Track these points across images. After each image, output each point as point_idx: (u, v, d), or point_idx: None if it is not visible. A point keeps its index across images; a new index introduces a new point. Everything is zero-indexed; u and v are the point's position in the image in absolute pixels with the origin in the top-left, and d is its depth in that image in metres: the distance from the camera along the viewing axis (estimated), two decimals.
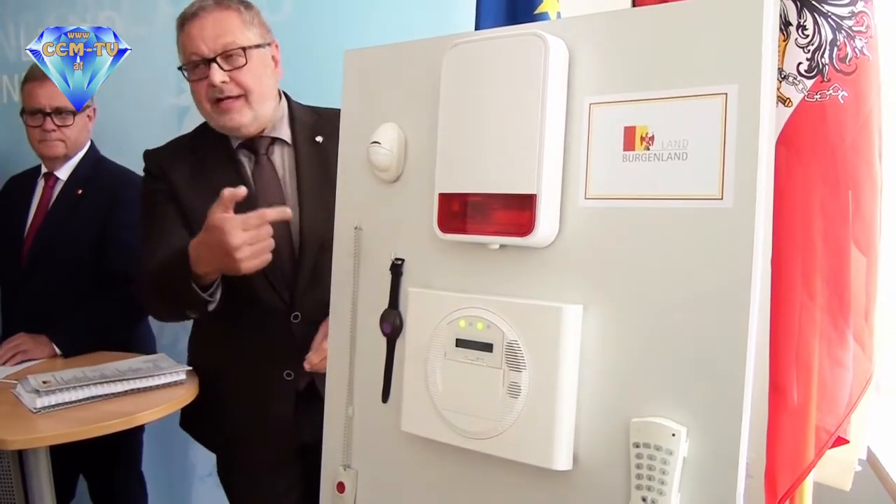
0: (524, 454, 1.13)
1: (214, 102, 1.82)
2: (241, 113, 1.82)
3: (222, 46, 1.79)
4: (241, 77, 1.81)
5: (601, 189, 1.10)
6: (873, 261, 1.23)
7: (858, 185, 1.21)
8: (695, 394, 1.02)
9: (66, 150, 2.45)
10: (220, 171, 1.87)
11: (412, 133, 1.31)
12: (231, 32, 1.80)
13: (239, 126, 1.84)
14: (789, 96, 1.21)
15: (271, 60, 1.90)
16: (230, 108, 1.82)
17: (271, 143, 1.92)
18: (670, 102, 1.04)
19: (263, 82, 1.85)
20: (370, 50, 1.40)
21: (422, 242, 1.29)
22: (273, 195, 1.87)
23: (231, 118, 1.82)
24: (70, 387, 1.74)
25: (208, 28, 1.80)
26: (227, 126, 1.85)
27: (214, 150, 1.91)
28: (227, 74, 1.79)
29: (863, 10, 1.19)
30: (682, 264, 1.04)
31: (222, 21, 1.81)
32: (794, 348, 1.20)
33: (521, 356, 1.12)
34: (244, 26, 1.83)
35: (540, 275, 1.16)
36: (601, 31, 1.12)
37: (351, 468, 1.40)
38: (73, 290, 2.38)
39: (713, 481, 1.01)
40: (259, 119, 1.86)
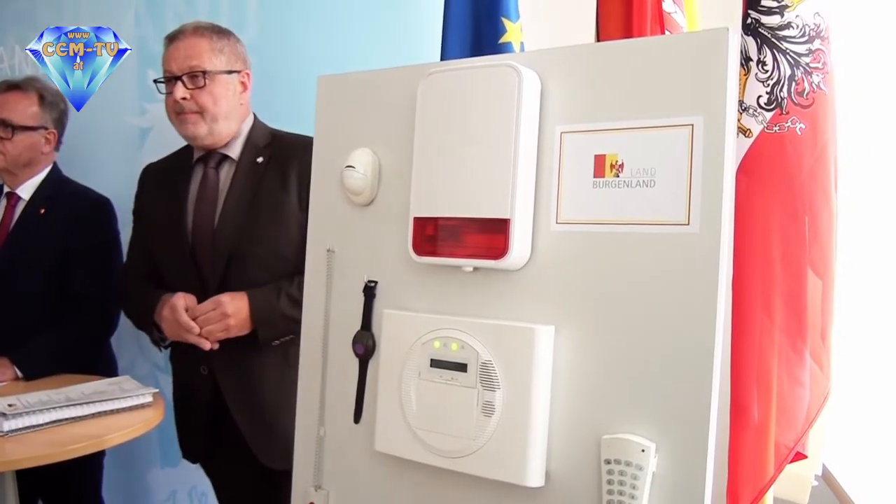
0: (498, 472, 1.15)
1: (176, 114, 2.06)
2: (197, 126, 2.05)
3: (188, 67, 2.03)
4: (200, 96, 2.04)
5: (572, 214, 1.14)
6: (829, 284, 1.28)
7: (815, 212, 1.26)
8: (663, 411, 1.06)
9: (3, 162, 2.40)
10: (174, 179, 2.14)
11: (386, 158, 1.34)
12: (198, 56, 2.04)
13: (194, 136, 2.07)
14: (750, 127, 1.26)
15: (238, 85, 2.11)
16: (186, 120, 2.05)
17: (222, 158, 2.13)
18: (639, 132, 1.09)
19: (220, 103, 2.06)
20: (344, 76, 1.43)
21: (395, 265, 1.32)
22: (207, 205, 2.09)
23: (187, 128, 2.06)
24: (36, 410, 1.72)
25: (181, 50, 2.05)
26: (184, 135, 2.09)
27: (181, 163, 2.17)
28: (188, 92, 2.03)
29: (819, 47, 1.25)
30: (650, 287, 1.08)
31: (193, 45, 2.05)
32: (754, 367, 1.25)
33: (495, 376, 1.15)
34: (212, 53, 2.06)
35: (513, 297, 1.19)
36: (572, 64, 1.16)
37: (322, 489, 1.40)
38: (34, 312, 2.34)
39: (681, 495, 1.04)
40: (214, 134, 2.07)
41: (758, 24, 1.26)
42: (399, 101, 1.31)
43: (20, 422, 1.70)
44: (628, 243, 1.10)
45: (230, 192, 2.08)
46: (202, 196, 2.10)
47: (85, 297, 2.35)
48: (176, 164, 2.19)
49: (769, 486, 1.27)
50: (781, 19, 1.25)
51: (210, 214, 2.07)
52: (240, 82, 2.11)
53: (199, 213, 2.09)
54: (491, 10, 2.13)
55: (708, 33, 1.07)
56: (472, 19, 2.17)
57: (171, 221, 2.09)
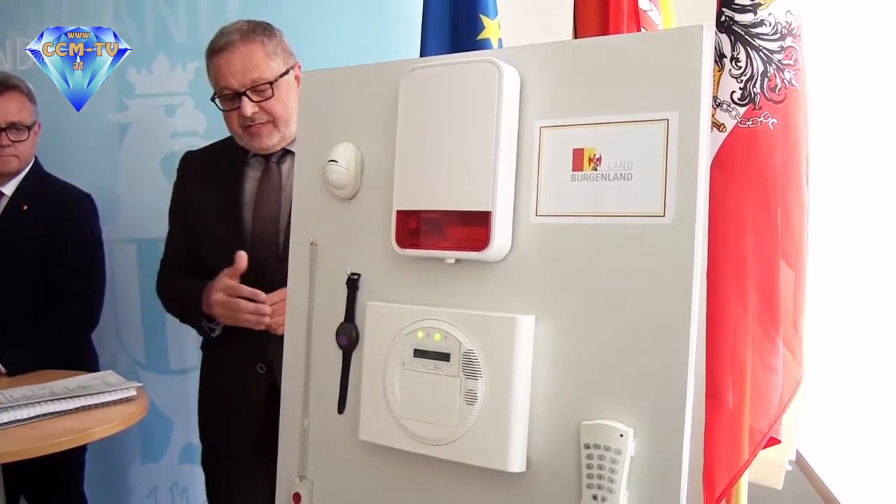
0: (480, 458, 1.18)
1: (245, 128, 1.96)
2: (270, 136, 1.97)
3: (251, 81, 1.92)
4: (270, 106, 1.94)
5: (551, 207, 1.17)
6: (801, 274, 1.32)
7: (787, 204, 1.29)
8: (641, 397, 1.09)
9: (18, 165, 2.43)
10: (228, 181, 2.04)
11: (368, 152, 1.36)
12: (258, 67, 1.93)
13: (268, 147, 1.99)
14: (723, 122, 1.29)
15: (294, 82, 2.02)
16: (260, 133, 1.96)
17: (284, 153, 2.04)
18: (616, 127, 1.12)
19: (289, 107, 1.97)
20: (327, 72, 1.44)
21: (378, 257, 1.34)
22: (270, 199, 2.01)
23: (261, 141, 1.97)
24: (21, 404, 1.73)
25: (236, 63, 1.92)
26: (257, 147, 1.99)
27: (231, 160, 2.06)
28: (256, 105, 1.93)
29: (791, 45, 1.28)
30: (627, 277, 1.11)
31: (248, 56, 1.93)
32: (728, 355, 1.28)
33: (477, 365, 1.18)
34: (268, 58, 1.95)
35: (494, 287, 1.22)
36: (551, 60, 1.19)
37: (307, 479, 1.42)
38: (18, 307, 2.35)
39: (659, 478, 1.08)
40: (287, 138, 2.00)
41: (731, 22, 1.29)
42: (381, 96, 1.33)
43: (5, 416, 1.71)
44: (606, 235, 1.13)
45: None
46: (264, 191, 2.02)
47: (67, 292, 2.36)
48: (227, 155, 2.08)
49: (744, 470, 1.30)
50: (754, 17, 1.28)
51: (274, 210, 2.00)
52: (295, 77, 2.02)
53: (262, 209, 2.01)
54: (469, 6, 2.15)
55: (683, 31, 1.10)
56: (450, 16, 2.19)
57: (228, 216, 2.00)
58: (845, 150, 1.86)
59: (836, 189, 1.87)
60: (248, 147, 2.02)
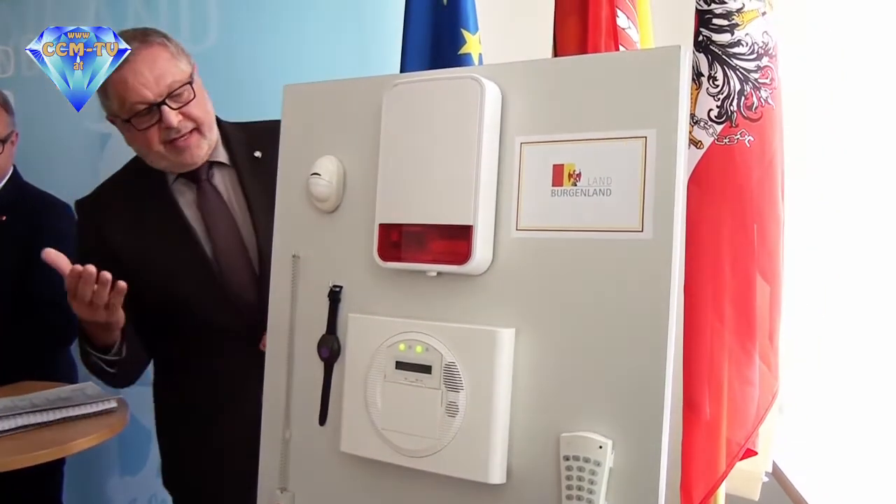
0: (461, 470, 1.19)
1: (169, 144, 1.75)
2: (199, 147, 1.78)
3: (167, 87, 1.72)
4: (192, 111, 1.75)
5: (532, 221, 1.19)
6: (777, 288, 1.34)
7: (763, 220, 1.32)
8: (619, 409, 1.11)
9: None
10: (159, 210, 1.81)
11: (351, 165, 1.37)
12: (169, 71, 1.73)
13: (198, 160, 1.80)
14: (701, 139, 1.31)
15: (202, 84, 1.83)
16: (188, 145, 1.76)
17: (210, 167, 1.86)
18: (596, 143, 1.14)
19: (208, 109, 1.81)
20: (310, 85, 1.45)
21: (360, 270, 1.35)
22: (222, 220, 1.83)
23: (191, 154, 1.78)
24: (2, 416, 1.73)
25: (144, 72, 1.71)
26: (186, 163, 1.79)
27: (151, 190, 1.83)
28: (178, 113, 1.73)
29: (767, 64, 1.31)
30: (605, 291, 1.13)
31: (155, 61, 1.73)
32: (706, 367, 1.30)
33: (458, 377, 1.19)
34: (175, 59, 1.76)
35: (475, 300, 1.23)
36: (532, 77, 1.21)
37: (287, 491, 1.42)
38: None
39: (637, 489, 1.09)
40: (211, 146, 1.82)
41: (709, 42, 1.32)
42: (364, 110, 1.35)
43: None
44: (585, 249, 1.14)
45: (249, 198, 1.82)
46: (211, 215, 1.83)
47: (49, 302, 2.35)
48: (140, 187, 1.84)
49: (721, 481, 1.32)
50: (732, 37, 1.31)
51: (233, 232, 1.82)
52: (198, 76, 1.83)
53: (218, 234, 1.82)
54: (451, 21, 2.17)
55: (661, 50, 1.12)
56: (432, 30, 2.20)
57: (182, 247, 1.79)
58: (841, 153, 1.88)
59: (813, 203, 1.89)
60: (172, 166, 1.80)
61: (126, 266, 1.71)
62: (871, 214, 1.80)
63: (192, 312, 1.78)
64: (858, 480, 1.69)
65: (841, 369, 1.86)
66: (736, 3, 1.30)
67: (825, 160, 1.87)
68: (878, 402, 1.78)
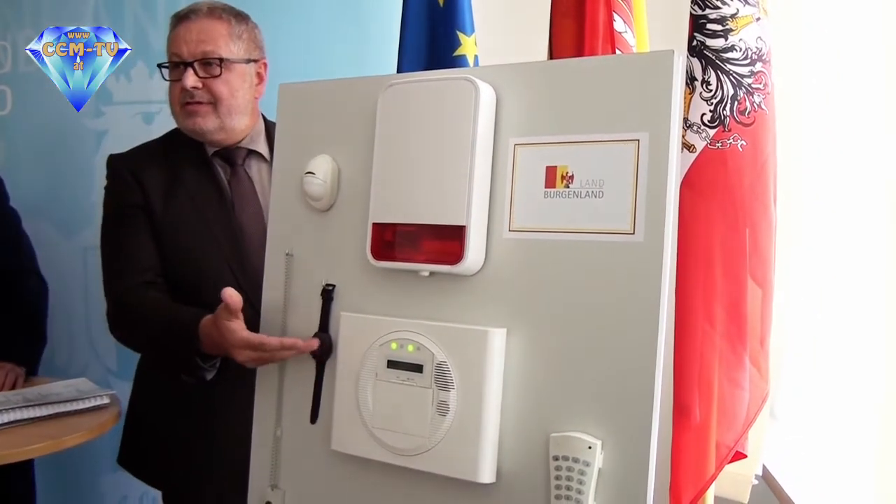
0: (451, 469, 1.20)
1: (183, 105, 1.82)
2: (206, 119, 1.82)
3: (202, 53, 1.80)
4: (214, 85, 1.81)
5: (524, 222, 1.20)
6: (768, 292, 1.35)
7: (755, 224, 1.33)
8: (609, 410, 1.11)
9: None
10: (197, 178, 1.86)
11: (345, 165, 1.38)
12: (214, 41, 1.81)
13: (202, 131, 1.83)
14: (693, 143, 1.32)
15: (253, 77, 1.90)
16: (196, 112, 1.81)
17: (247, 155, 1.91)
18: (589, 146, 1.14)
19: (236, 95, 1.84)
20: (305, 84, 1.46)
21: (353, 269, 1.35)
22: (251, 207, 1.87)
23: (195, 122, 1.81)
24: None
25: (193, 32, 1.81)
26: (190, 129, 1.84)
27: (189, 157, 1.88)
28: (200, 81, 1.79)
29: (761, 69, 1.32)
30: (596, 292, 1.14)
31: (209, 29, 1.82)
32: (696, 370, 1.30)
33: (449, 376, 1.20)
34: (230, 38, 1.84)
35: (467, 300, 1.24)
36: (527, 79, 1.21)
37: (278, 488, 1.43)
38: None
39: (626, 490, 1.10)
40: (226, 129, 1.85)
41: (703, 47, 1.32)
42: (359, 110, 1.35)
43: None
44: (577, 250, 1.15)
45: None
46: (242, 197, 1.87)
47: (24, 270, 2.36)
48: (179, 159, 1.88)
49: (710, 484, 1.32)
50: (725, 42, 1.31)
51: (259, 222, 1.82)
52: (256, 73, 1.90)
53: (246, 217, 1.85)
54: (446, 22, 2.17)
55: (655, 55, 1.13)
56: (427, 31, 2.21)
57: (222, 218, 1.83)
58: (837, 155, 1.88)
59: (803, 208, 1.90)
60: (184, 129, 1.86)
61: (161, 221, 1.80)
62: (867, 219, 1.80)
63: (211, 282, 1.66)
64: (847, 484, 1.70)
65: (832, 373, 1.86)
66: (730, 9, 1.31)
67: (821, 163, 1.87)
68: (869, 406, 1.79)
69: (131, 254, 1.80)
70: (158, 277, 1.80)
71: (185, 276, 1.80)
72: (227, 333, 1.42)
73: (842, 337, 1.82)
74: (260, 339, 1.39)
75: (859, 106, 1.78)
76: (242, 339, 1.41)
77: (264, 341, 1.39)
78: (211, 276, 1.74)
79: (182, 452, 1.83)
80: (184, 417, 1.82)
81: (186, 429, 1.82)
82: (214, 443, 1.79)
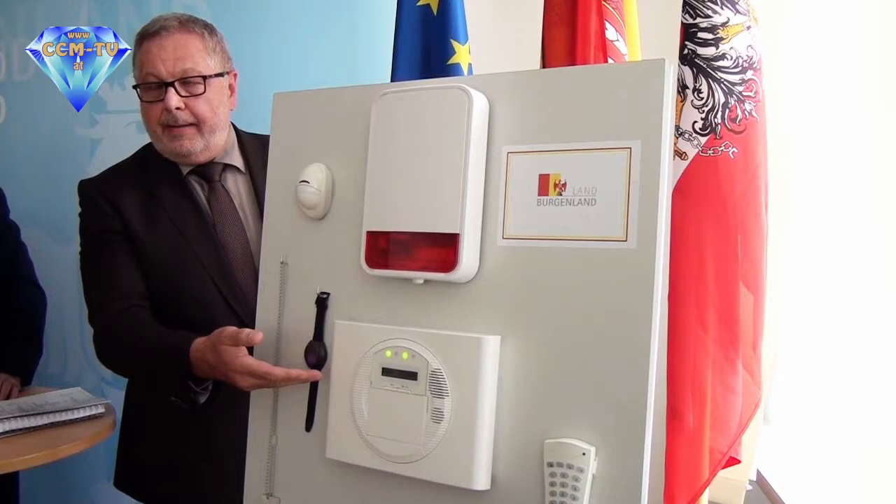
0: (446, 476, 1.20)
1: (165, 127, 1.76)
2: (193, 141, 1.77)
3: (182, 72, 1.74)
4: (197, 105, 1.76)
5: (518, 230, 1.20)
6: (760, 298, 1.36)
7: (747, 231, 1.33)
8: (602, 416, 1.12)
9: None
10: (175, 198, 1.81)
11: (339, 173, 1.38)
12: (192, 57, 1.75)
13: (189, 153, 1.78)
14: (685, 151, 1.33)
15: (227, 89, 1.85)
16: (182, 135, 1.76)
17: (223, 169, 1.87)
18: (581, 154, 1.15)
19: (218, 112, 1.80)
20: (300, 93, 1.47)
21: (347, 277, 1.36)
22: (232, 223, 1.83)
23: (181, 144, 1.77)
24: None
25: (169, 50, 1.73)
26: (176, 152, 1.79)
27: (164, 178, 1.83)
28: (182, 101, 1.74)
29: (752, 77, 1.33)
30: (590, 299, 1.14)
31: (184, 45, 1.75)
32: (689, 376, 1.31)
33: (444, 384, 1.20)
34: (206, 53, 1.78)
35: (461, 308, 1.24)
36: (520, 88, 1.22)
37: (273, 496, 1.43)
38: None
39: (619, 496, 1.10)
40: (210, 148, 1.80)
41: (694, 55, 1.33)
42: (353, 119, 1.36)
43: None
44: (570, 258, 1.16)
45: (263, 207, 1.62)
46: (223, 214, 1.82)
47: (21, 277, 2.36)
48: (154, 181, 1.82)
49: (704, 489, 1.33)
50: (716, 51, 1.32)
51: (241, 236, 1.82)
52: (229, 85, 1.85)
53: (228, 233, 1.81)
54: (440, 31, 2.18)
55: (647, 63, 1.14)
56: (422, 40, 2.21)
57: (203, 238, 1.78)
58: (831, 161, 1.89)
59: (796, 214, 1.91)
60: (167, 152, 1.80)
61: (143, 244, 1.75)
62: (858, 225, 1.81)
63: (197, 302, 1.75)
64: (841, 489, 1.70)
65: (825, 378, 1.87)
66: (721, 18, 1.32)
67: (811, 170, 1.88)
68: (863, 411, 1.79)
69: (111, 282, 1.76)
70: (143, 300, 1.76)
71: (170, 297, 1.77)
72: (229, 359, 1.42)
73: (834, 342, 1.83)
74: (264, 369, 1.39)
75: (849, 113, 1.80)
76: (245, 366, 1.40)
77: (269, 372, 1.38)
78: (196, 296, 1.74)
79: (180, 470, 1.81)
80: (179, 434, 1.79)
81: (183, 446, 1.80)
82: (212, 461, 1.76)
